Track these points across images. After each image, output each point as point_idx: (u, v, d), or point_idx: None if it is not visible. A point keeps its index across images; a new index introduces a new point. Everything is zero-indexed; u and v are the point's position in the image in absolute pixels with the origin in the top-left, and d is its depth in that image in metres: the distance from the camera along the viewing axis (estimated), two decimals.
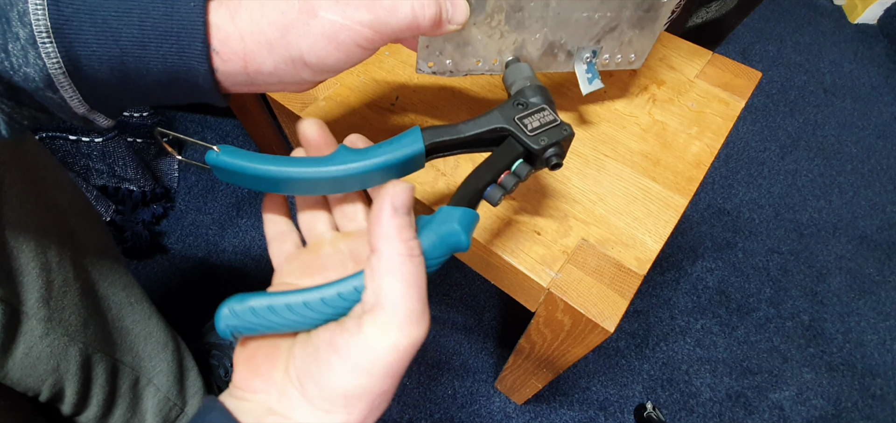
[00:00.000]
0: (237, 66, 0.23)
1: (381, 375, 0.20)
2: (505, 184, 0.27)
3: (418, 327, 0.20)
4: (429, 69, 0.32)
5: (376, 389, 0.20)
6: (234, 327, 0.22)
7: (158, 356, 0.53)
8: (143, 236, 0.86)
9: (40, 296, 0.38)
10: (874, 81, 1.23)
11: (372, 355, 0.19)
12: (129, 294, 0.50)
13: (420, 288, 0.20)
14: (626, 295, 0.36)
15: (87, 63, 0.21)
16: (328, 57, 0.23)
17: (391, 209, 0.21)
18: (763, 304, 0.88)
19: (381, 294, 0.20)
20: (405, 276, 0.20)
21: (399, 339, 0.19)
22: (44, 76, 0.20)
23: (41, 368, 0.39)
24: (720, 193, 1.02)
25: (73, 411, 0.44)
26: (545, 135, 0.29)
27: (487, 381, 0.78)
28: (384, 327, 0.19)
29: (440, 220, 0.23)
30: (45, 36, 0.19)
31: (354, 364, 0.20)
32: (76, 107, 0.22)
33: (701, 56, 0.52)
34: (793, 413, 0.78)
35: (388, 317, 0.19)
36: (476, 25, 0.31)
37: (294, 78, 0.24)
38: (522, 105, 0.30)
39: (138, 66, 0.22)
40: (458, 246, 0.23)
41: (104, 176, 0.86)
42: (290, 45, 0.23)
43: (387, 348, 0.19)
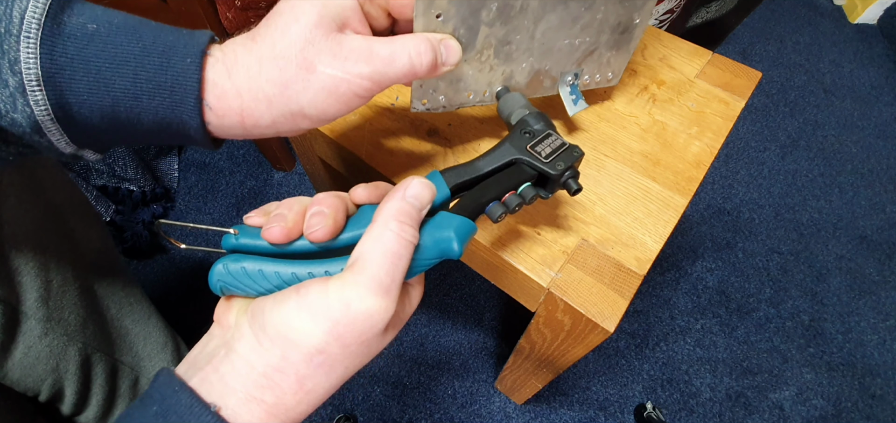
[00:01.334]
0: (233, 120, 0.23)
1: (324, 329, 0.19)
2: (508, 203, 0.28)
3: (376, 298, 0.19)
4: (422, 107, 0.34)
5: (316, 342, 0.19)
6: (225, 283, 0.23)
7: (158, 356, 0.53)
8: (143, 236, 0.86)
9: (39, 296, 0.38)
10: (874, 81, 1.23)
11: (324, 304, 0.19)
12: (129, 294, 0.50)
13: (394, 266, 0.20)
14: (626, 295, 0.36)
15: (77, 110, 0.21)
16: (328, 109, 0.24)
17: (402, 194, 0.21)
18: (763, 304, 0.88)
19: (357, 256, 0.20)
20: (385, 247, 0.20)
21: (354, 299, 0.19)
22: (32, 122, 0.20)
23: (40, 368, 0.39)
24: (720, 193, 1.02)
25: (72, 411, 0.44)
26: (560, 160, 0.30)
27: (487, 381, 0.78)
28: (346, 283, 0.19)
29: (437, 224, 0.23)
30: (35, 84, 0.19)
31: (305, 307, 0.19)
32: (63, 147, 0.22)
33: (701, 56, 0.52)
34: (793, 413, 0.78)
35: (355, 278, 0.19)
36: (467, 62, 0.32)
37: (292, 127, 0.25)
38: (529, 134, 0.31)
39: (130, 116, 0.22)
40: (450, 253, 0.23)
41: (104, 176, 0.86)
42: (289, 100, 0.23)
43: (339, 303, 0.19)
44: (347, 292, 0.19)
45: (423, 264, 0.23)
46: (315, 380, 0.20)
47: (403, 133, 0.45)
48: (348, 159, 0.46)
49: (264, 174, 1.00)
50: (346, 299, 0.19)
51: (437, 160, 0.44)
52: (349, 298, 0.19)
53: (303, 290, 0.20)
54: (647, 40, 0.53)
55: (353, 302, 0.19)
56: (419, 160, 0.44)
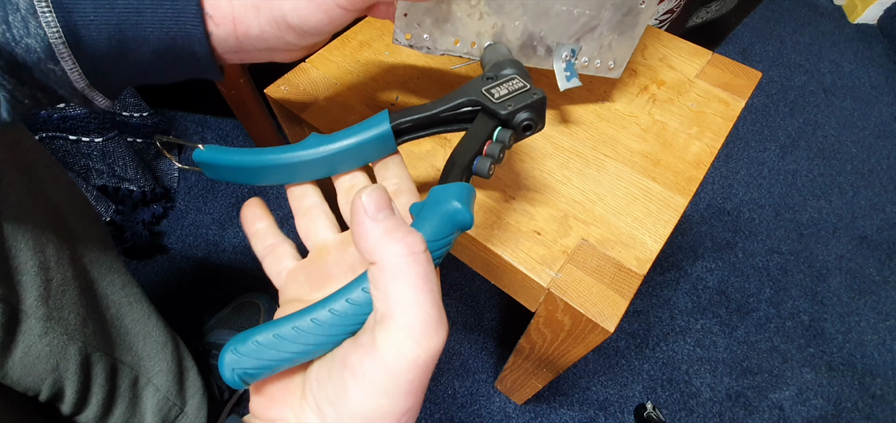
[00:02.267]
0: (228, 29, 0.23)
1: (402, 394, 0.18)
2: (491, 153, 0.26)
3: (436, 337, 0.18)
4: (405, 41, 0.32)
5: (399, 408, 0.18)
6: (244, 370, 0.19)
7: (158, 356, 0.53)
8: (143, 236, 0.86)
9: (39, 295, 0.38)
10: (874, 81, 1.23)
11: (389, 373, 0.17)
12: (128, 294, 0.50)
13: (432, 291, 0.18)
14: (626, 295, 0.36)
15: (85, 32, 0.21)
16: (310, 17, 0.24)
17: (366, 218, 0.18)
18: (763, 304, 0.88)
19: (390, 303, 0.17)
20: (413, 279, 0.17)
21: (417, 353, 0.17)
22: (45, 46, 0.21)
23: (40, 367, 0.39)
24: (720, 193, 1.02)
25: (72, 410, 0.44)
26: (512, 101, 0.28)
27: (487, 381, 0.78)
28: (399, 340, 0.17)
29: (435, 201, 0.21)
30: (44, 5, 0.20)
31: (371, 385, 0.17)
32: (76, 80, 0.23)
33: (701, 56, 0.52)
34: (793, 413, 0.78)
35: (402, 329, 0.17)
36: (456, 2, 0.31)
37: (280, 42, 0.25)
38: (492, 78, 0.29)
39: (135, 34, 0.22)
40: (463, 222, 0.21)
41: (104, 176, 0.86)
42: (273, 5, 0.23)
43: (405, 365, 0.17)
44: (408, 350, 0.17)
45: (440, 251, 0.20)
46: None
47: None
48: None
49: None
50: (410, 359, 0.17)
51: (436, 159, 0.44)
52: (413, 355, 0.17)
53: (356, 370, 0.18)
54: (647, 40, 0.53)
55: (420, 356, 0.17)
56: (418, 159, 0.44)
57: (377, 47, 0.53)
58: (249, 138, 1.04)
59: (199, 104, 1.09)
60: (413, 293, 0.17)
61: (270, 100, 0.49)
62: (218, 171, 0.28)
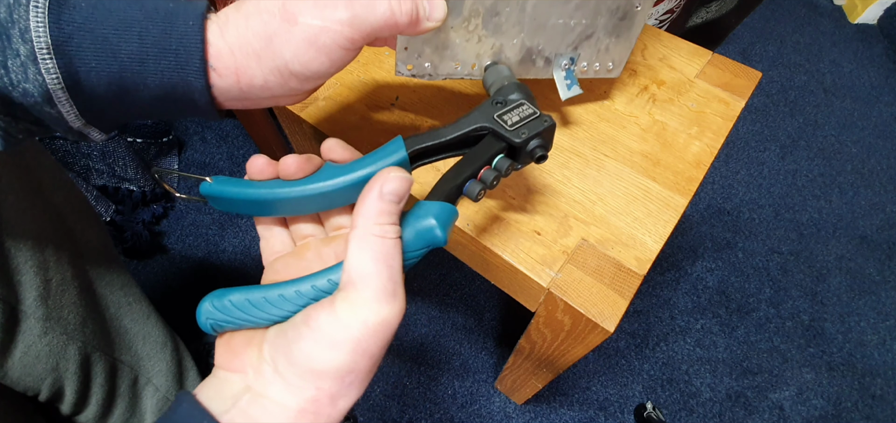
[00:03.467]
0: (231, 81, 0.23)
1: (349, 350, 0.20)
2: (484, 178, 0.27)
3: (388, 306, 0.20)
4: (408, 72, 0.32)
5: (346, 365, 0.20)
6: (215, 321, 0.23)
7: (157, 356, 0.53)
8: (143, 236, 0.86)
9: (38, 295, 0.38)
10: (874, 81, 1.23)
11: (341, 329, 0.20)
12: (128, 294, 0.50)
13: (391, 268, 0.21)
14: (626, 295, 0.36)
15: (86, 79, 0.21)
16: (312, 62, 0.24)
17: (378, 193, 0.21)
18: (763, 304, 0.88)
19: (352, 270, 0.20)
20: (376, 253, 0.20)
21: (367, 315, 0.20)
22: (43, 92, 0.20)
23: (40, 367, 0.39)
24: (720, 193, 1.02)
25: (72, 410, 0.44)
26: (525, 128, 0.29)
27: (487, 381, 0.78)
28: (353, 302, 0.20)
29: (417, 214, 0.23)
30: (45, 52, 0.20)
31: (324, 338, 0.20)
32: (72, 121, 0.22)
33: (701, 56, 0.52)
34: (793, 413, 0.78)
35: (358, 293, 0.20)
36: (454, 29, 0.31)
37: (284, 89, 0.25)
38: (501, 103, 0.30)
39: (136, 81, 0.22)
40: (435, 241, 0.23)
41: (104, 176, 0.86)
42: (275, 54, 0.23)
43: (356, 324, 0.20)
44: (360, 311, 0.20)
45: (410, 259, 0.23)
46: (348, 396, 0.21)
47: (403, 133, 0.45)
48: None
49: None
50: (361, 318, 0.20)
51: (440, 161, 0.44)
52: (364, 316, 0.20)
53: (312, 322, 0.20)
54: (647, 40, 0.53)
55: (369, 318, 0.20)
56: None
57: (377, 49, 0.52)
58: (249, 139, 1.04)
59: None
60: (373, 265, 0.20)
61: None
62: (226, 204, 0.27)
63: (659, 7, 0.94)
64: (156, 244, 0.90)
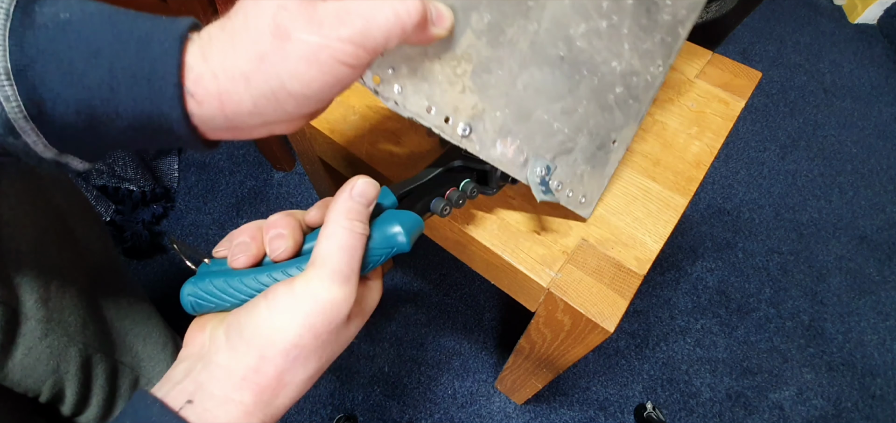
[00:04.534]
0: (213, 108, 0.21)
1: (298, 323, 0.21)
2: (451, 198, 0.31)
3: (339, 287, 0.21)
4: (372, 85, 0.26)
5: (291, 337, 0.21)
6: (196, 300, 0.24)
7: (158, 356, 0.53)
8: (143, 236, 0.86)
9: (39, 297, 0.38)
10: (874, 81, 1.23)
11: (292, 301, 0.21)
12: (128, 295, 0.50)
13: (351, 257, 0.22)
14: (626, 295, 0.36)
15: (51, 107, 0.19)
16: (313, 82, 0.21)
17: (348, 194, 0.23)
18: (763, 304, 0.88)
19: (316, 254, 0.22)
20: (340, 242, 0.22)
21: (318, 290, 0.21)
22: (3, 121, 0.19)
23: (41, 369, 0.39)
24: (720, 193, 1.02)
25: (73, 411, 0.44)
26: None
27: (487, 381, 0.78)
28: (310, 279, 0.21)
29: (385, 220, 0.25)
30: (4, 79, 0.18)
31: (276, 307, 0.21)
32: (42, 152, 0.21)
33: (701, 56, 0.52)
34: (793, 413, 0.78)
35: (317, 272, 0.21)
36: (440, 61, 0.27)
37: (278, 113, 0.22)
38: None
39: (107, 110, 0.20)
40: (399, 248, 0.25)
41: (104, 176, 0.86)
42: (268, 75, 0.20)
43: (306, 298, 0.21)
44: (313, 285, 0.21)
45: (375, 258, 0.25)
46: (293, 373, 0.22)
47: (403, 133, 0.45)
48: (348, 159, 0.46)
49: (264, 174, 1.00)
50: (312, 292, 0.21)
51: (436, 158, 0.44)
52: (315, 290, 0.21)
53: (270, 294, 0.22)
54: None
55: (320, 293, 0.21)
56: (419, 159, 0.44)
57: None
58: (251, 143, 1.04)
59: None
60: (336, 251, 0.22)
61: None
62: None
63: None
64: (156, 244, 0.90)
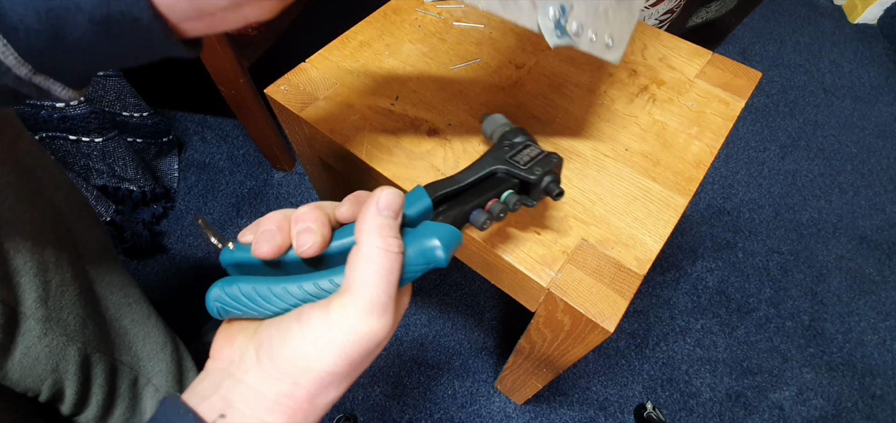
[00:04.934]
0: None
1: (333, 354, 0.20)
2: (492, 210, 0.29)
3: (378, 319, 0.20)
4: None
5: (326, 366, 0.20)
6: (222, 305, 0.23)
7: (157, 356, 0.53)
8: (143, 236, 0.86)
9: (38, 296, 0.38)
10: (874, 81, 1.23)
11: (328, 331, 0.20)
12: (127, 294, 0.50)
13: (389, 283, 0.21)
14: (626, 295, 0.36)
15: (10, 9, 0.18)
16: None
17: (375, 209, 0.22)
18: (763, 304, 0.88)
19: (352, 279, 0.21)
20: (377, 266, 0.20)
21: (356, 323, 0.20)
22: None
23: (40, 368, 0.39)
24: (720, 193, 1.02)
25: (72, 411, 0.44)
26: (538, 166, 0.31)
27: (487, 381, 0.78)
28: (346, 308, 0.20)
29: (422, 233, 0.24)
30: None
31: (310, 336, 0.20)
32: (14, 65, 0.20)
33: (701, 56, 0.52)
34: (793, 413, 0.78)
35: (353, 300, 0.20)
36: None
37: None
38: (509, 146, 0.33)
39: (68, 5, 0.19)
40: (436, 261, 0.23)
41: (104, 176, 0.86)
42: None
43: (344, 329, 0.20)
44: (349, 317, 0.20)
45: (411, 274, 0.23)
46: (325, 396, 0.21)
47: (403, 133, 0.45)
48: (348, 159, 0.46)
49: (264, 174, 1.00)
50: (349, 325, 0.20)
51: (436, 158, 0.44)
52: (352, 323, 0.20)
53: (304, 318, 0.21)
54: (647, 40, 0.53)
55: (357, 325, 0.20)
56: (418, 159, 0.44)
57: (377, 47, 0.53)
58: (249, 139, 1.04)
59: (199, 104, 1.09)
60: (373, 276, 0.20)
61: (270, 100, 0.49)
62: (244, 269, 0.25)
63: (659, 7, 0.94)
64: (156, 244, 0.90)
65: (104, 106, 0.83)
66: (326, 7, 1.23)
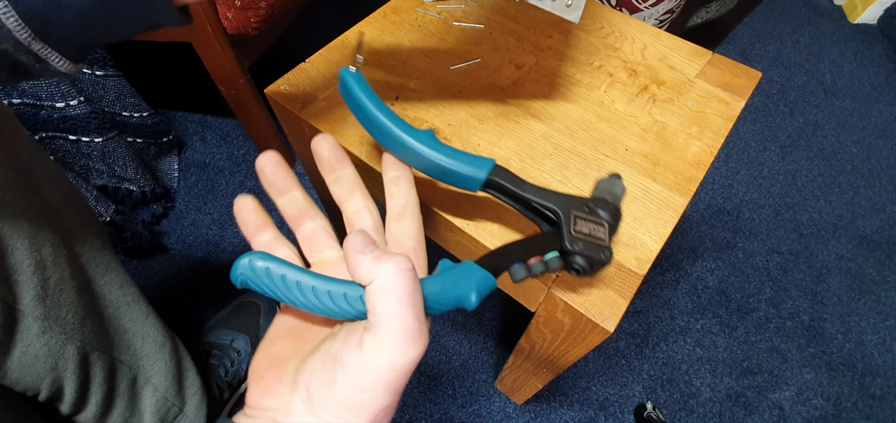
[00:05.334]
0: None
1: (380, 391, 0.20)
2: (533, 268, 0.28)
3: (414, 347, 0.20)
4: None
5: (377, 404, 0.21)
6: (247, 278, 0.23)
7: (156, 356, 0.53)
8: (143, 236, 0.86)
9: (36, 294, 0.38)
10: (874, 81, 1.23)
11: (370, 373, 0.20)
12: (126, 293, 0.50)
13: (415, 306, 0.20)
14: (626, 295, 0.36)
15: None
16: None
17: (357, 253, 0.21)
18: (763, 304, 0.88)
19: (378, 315, 0.20)
20: (399, 293, 0.20)
21: (395, 358, 0.20)
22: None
23: (39, 367, 0.39)
24: (720, 193, 1.01)
25: (72, 410, 0.44)
26: (585, 244, 0.28)
27: (487, 381, 0.78)
28: (381, 346, 0.20)
29: (461, 273, 0.24)
30: None
31: (355, 380, 0.20)
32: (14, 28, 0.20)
33: (701, 56, 0.52)
34: (793, 413, 0.78)
35: (386, 337, 0.20)
36: None
37: None
38: (588, 209, 0.30)
39: None
40: (466, 305, 0.24)
41: (104, 176, 0.86)
42: None
43: (384, 368, 0.20)
44: (386, 355, 0.20)
45: (439, 307, 0.23)
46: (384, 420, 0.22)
47: None
48: None
49: None
50: (389, 362, 0.20)
51: None
52: (392, 360, 0.20)
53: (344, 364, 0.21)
54: (647, 40, 0.53)
55: (397, 361, 0.20)
56: None
57: (377, 48, 0.53)
58: (249, 139, 1.04)
59: (199, 104, 1.09)
60: (397, 307, 0.20)
61: (270, 100, 0.49)
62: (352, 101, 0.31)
63: (659, 7, 0.94)
64: (156, 244, 0.90)
65: (104, 106, 0.83)
66: (326, 7, 1.23)
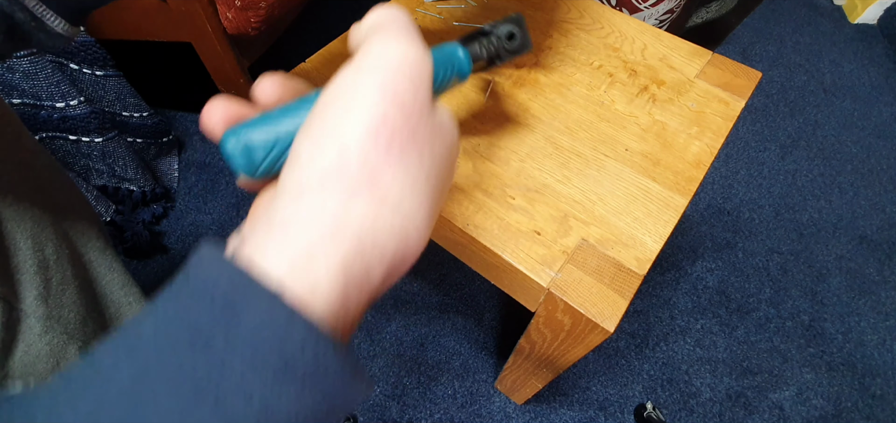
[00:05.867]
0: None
1: (373, 91, 0.15)
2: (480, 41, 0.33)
3: (410, 42, 0.17)
4: None
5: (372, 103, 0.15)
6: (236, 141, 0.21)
7: None
8: (143, 236, 0.86)
9: (38, 294, 0.38)
10: (874, 81, 1.23)
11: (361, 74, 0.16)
12: (127, 293, 0.50)
13: (408, 16, 0.18)
14: (626, 295, 0.36)
15: None
16: None
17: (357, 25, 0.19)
18: (763, 304, 0.88)
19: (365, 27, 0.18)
20: (388, 10, 0.18)
21: (386, 50, 0.16)
22: None
23: (41, 366, 0.39)
24: (720, 193, 1.02)
25: None
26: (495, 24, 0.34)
27: (487, 381, 0.78)
28: (371, 44, 0.17)
29: (444, 47, 0.25)
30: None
31: (344, 91, 0.16)
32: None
33: (701, 56, 0.52)
34: (793, 413, 0.78)
35: (376, 36, 0.17)
36: None
37: None
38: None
39: None
40: (459, 66, 0.25)
41: (104, 176, 0.86)
42: None
43: (376, 63, 0.16)
44: (375, 49, 0.16)
45: (437, 79, 0.24)
46: (390, 170, 0.15)
47: None
48: None
49: None
50: (379, 55, 0.16)
51: None
52: (382, 51, 0.16)
53: (329, 86, 0.17)
54: (647, 40, 0.53)
55: (390, 52, 0.16)
56: None
57: None
58: None
59: (199, 104, 1.09)
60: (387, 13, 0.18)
61: None
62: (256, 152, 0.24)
63: (659, 7, 0.94)
64: (156, 244, 0.90)
65: (104, 106, 0.83)
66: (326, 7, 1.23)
